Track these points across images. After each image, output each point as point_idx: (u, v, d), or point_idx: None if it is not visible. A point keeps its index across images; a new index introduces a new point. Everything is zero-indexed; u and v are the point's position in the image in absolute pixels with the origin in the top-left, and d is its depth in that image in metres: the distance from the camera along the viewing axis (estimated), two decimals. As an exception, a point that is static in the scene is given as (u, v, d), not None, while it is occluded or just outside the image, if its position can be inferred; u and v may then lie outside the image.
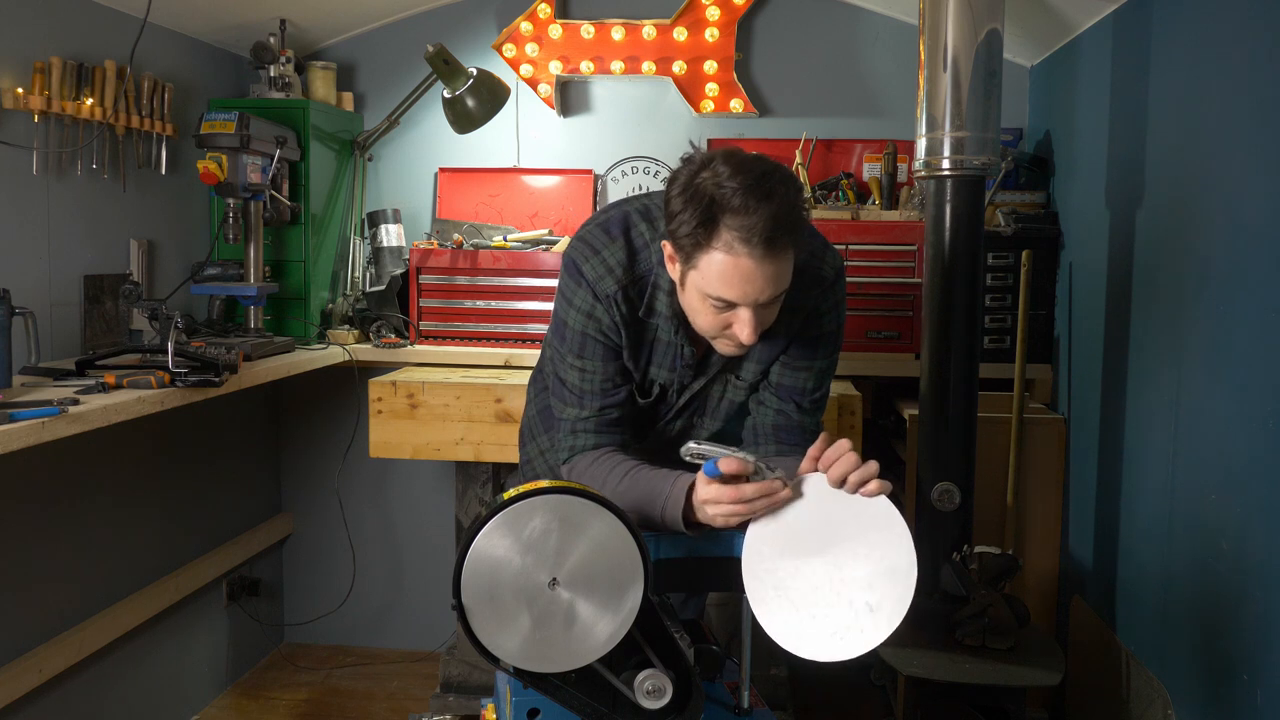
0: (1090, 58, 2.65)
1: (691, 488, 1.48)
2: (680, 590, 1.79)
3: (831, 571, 1.39)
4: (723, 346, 1.58)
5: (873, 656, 2.30)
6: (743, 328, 1.49)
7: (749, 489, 1.41)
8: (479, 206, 3.28)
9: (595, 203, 3.26)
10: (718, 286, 1.45)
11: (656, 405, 1.75)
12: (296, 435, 3.46)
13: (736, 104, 3.14)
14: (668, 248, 1.52)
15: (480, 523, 1.30)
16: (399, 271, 3.10)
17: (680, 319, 1.63)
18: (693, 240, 1.44)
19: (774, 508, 1.43)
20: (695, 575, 1.49)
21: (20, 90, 2.27)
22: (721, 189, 1.41)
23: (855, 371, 2.88)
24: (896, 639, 2.30)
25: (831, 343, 1.72)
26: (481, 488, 2.91)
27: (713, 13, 3.11)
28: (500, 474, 2.89)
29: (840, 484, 1.40)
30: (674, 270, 1.55)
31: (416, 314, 3.01)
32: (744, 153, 1.47)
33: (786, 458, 1.68)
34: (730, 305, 1.48)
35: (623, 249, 1.62)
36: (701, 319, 1.54)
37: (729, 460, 1.40)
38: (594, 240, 1.63)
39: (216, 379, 2.23)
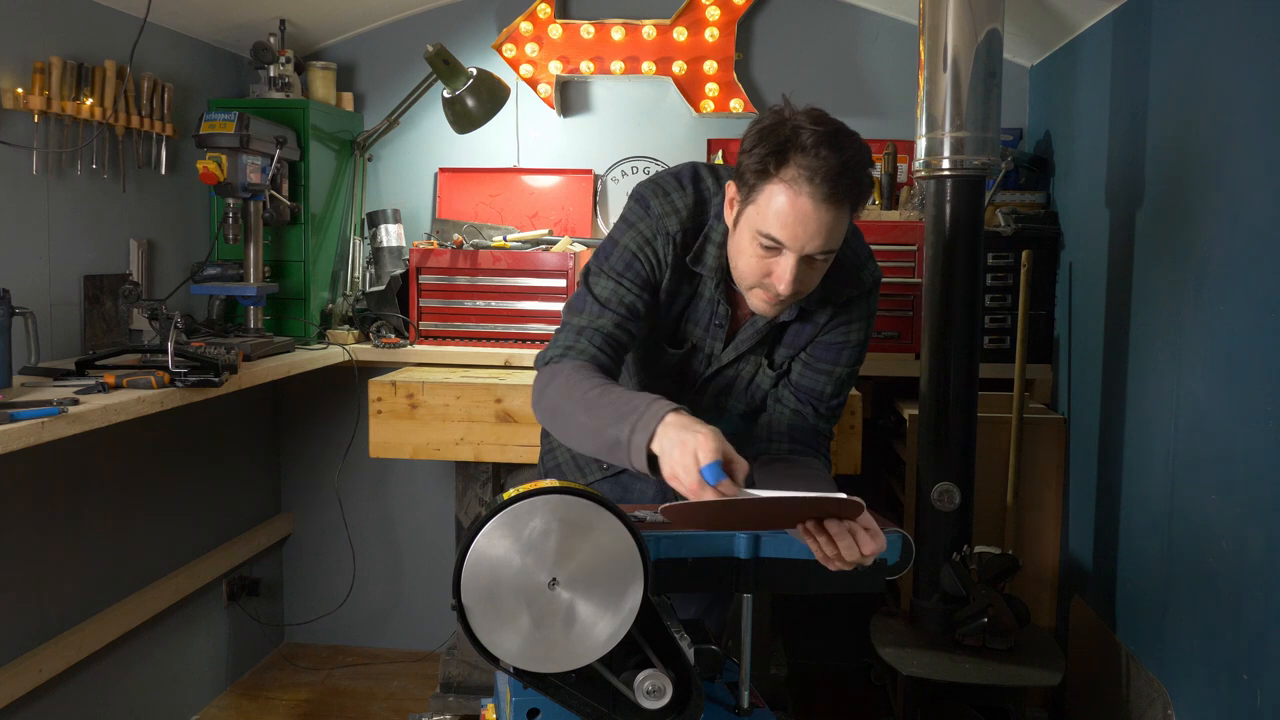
0: (1090, 58, 2.65)
1: (665, 416, 1.38)
2: (680, 591, 1.78)
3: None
4: (757, 300, 1.59)
5: (872, 656, 2.30)
6: (783, 275, 1.50)
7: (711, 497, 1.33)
8: (479, 206, 3.28)
9: (595, 203, 3.27)
10: (772, 223, 1.47)
11: (688, 364, 1.75)
12: (296, 435, 3.46)
13: (736, 104, 3.14)
14: (731, 188, 1.56)
15: (480, 523, 1.30)
16: (399, 271, 3.10)
17: (723, 274, 1.65)
18: (759, 170, 1.47)
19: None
20: (696, 575, 1.48)
21: (20, 90, 2.27)
22: (799, 130, 1.46)
23: (855, 371, 2.88)
24: (897, 639, 2.32)
25: (855, 353, 1.74)
26: (481, 488, 2.91)
27: (713, 13, 3.11)
28: (500, 474, 2.89)
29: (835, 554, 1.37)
30: (731, 214, 1.57)
31: (416, 314, 3.01)
32: (827, 114, 1.51)
33: (798, 457, 1.68)
34: (777, 249, 1.49)
35: (691, 196, 1.65)
36: (744, 261, 1.55)
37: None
38: (665, 184, 1.67)
39: (216, 379, 2.23)
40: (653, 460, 1.39)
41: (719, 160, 3.16)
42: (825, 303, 1.67)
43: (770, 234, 1.48)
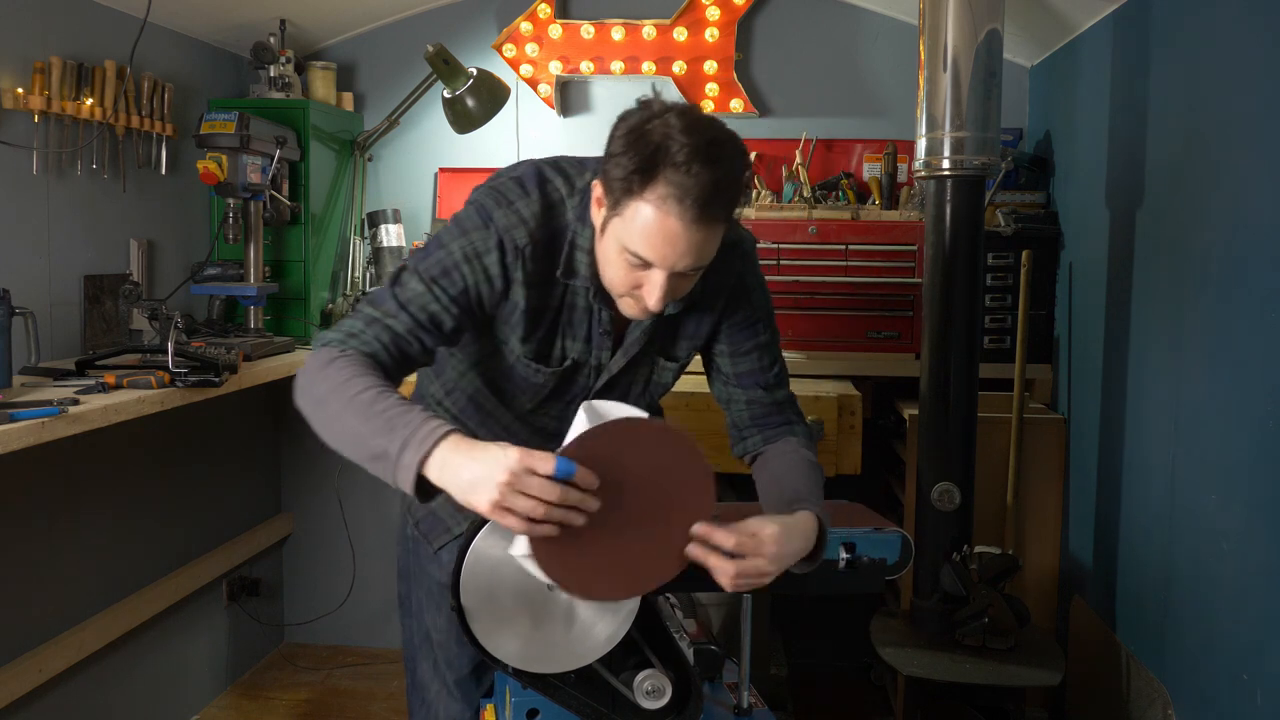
0: (1090, 58, 2.65)
1: (445, 436, 1.24)
2: (680, 591, 1.78)
3: None
4: (627, 307, 1.48)
5: (872, 656, 2.30)
6: (651, 291, 1.39)
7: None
8: (479, 206, 3.28)
9: (595, 203, 3.27)
10: (638, 242, 1.35)
11: (570, 381, 1.61)
12: (296, 435, 3.45)
13: (736, 104, 3.14)
14: (598, 188, 1.43)
15: (480, 523, 1.30)
16: (399, 271, 3.10)
17: (598, 279, 1.52)
18: (625, 185, 1.34)
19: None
20: (695, 575, 1.48)
21: (20, 90, 2.27)
22: (669, 140, 1.32)
23: (855, 371, 2.87)
24: (897, 639, 2.32)
25: (766, 317, 1.65)
26: (481, 488, 2.90)
27: (713, 13, 3.11)
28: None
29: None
30: (597, 214, 1.45)
31: (416, 314, 3.01)
32: (701, 111, 1.41)
33: (772, 445, 1.64)
34: (645, 265, 1.39)
35: (538, 203, 1.50)
36: (613, 271, 1.44)
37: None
38: (508, 191, 1.51)
39: (216, 379, 2.23)
40: (421, 485, 1.25)
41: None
42: (718, 290, 1.58)
43: (637, 253, 1.37)
